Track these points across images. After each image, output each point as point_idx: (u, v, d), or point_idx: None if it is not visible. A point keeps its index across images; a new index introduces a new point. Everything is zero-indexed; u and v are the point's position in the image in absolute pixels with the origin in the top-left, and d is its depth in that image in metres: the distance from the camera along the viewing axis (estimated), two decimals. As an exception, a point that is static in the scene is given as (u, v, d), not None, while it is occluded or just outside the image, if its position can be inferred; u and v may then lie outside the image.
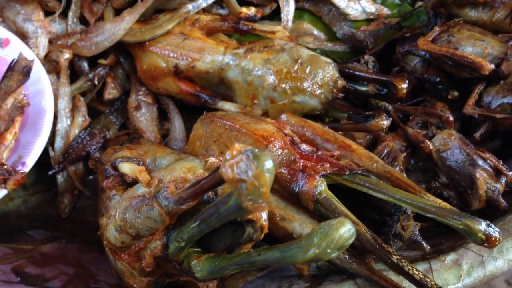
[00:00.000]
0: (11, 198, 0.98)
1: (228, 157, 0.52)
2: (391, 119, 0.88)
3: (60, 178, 1.00)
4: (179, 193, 0.62)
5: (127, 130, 1.09)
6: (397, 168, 0.89)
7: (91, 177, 1.04)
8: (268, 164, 0.51)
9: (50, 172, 0.98)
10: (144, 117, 1.08)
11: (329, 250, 0.53)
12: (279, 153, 0.79)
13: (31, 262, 0.83)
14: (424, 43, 0.92)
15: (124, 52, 1.13)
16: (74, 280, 0.82)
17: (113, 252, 0.75)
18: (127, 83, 1.15)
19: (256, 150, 0.51)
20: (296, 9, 1.21)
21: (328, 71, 0.94)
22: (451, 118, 0.91)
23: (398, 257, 0.70)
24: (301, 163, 0.77)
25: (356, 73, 0.95)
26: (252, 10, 1.06)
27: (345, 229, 0.53)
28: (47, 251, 0.88)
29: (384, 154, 0.90)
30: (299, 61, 0.94)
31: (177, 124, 1.07)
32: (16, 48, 0.99)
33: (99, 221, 0.84)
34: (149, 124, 1.08)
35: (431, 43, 0.93)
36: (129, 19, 1.05)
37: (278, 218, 0.76)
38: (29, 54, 0.95)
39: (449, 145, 0.87)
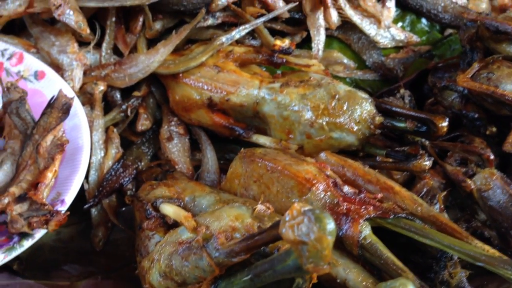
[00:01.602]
0: (45, 231, 0.98)
1: (288, 218, 0.51)
2: (433, 159, 0.87)
3: (94, 211, 1.00)
4: (231, 245, 0.61)
5: (159, 161, 1.09)
6: (437, 207, 0.88)
7: (123, 209, 1.04)
8: (330, 226, 0.50)
9: (86, 206, 0.97)
10: (176, 148, 1.08)
11: (390, 313, 0.52)
12: (322, 196, 0.78)
13: (69, 300, 0.83)
14: (464, 80, 0.92)
15: (156, 81, 1.13)
16: (113, 320, 0.81)
17: (154, 295, 0.75)
18: (158, 112, 1.15)
19: (317, 211, 0.51)
20: (326, 36, 1.20)
21: (366, 107, 0.94)
22: (492, 157, 0.90)
23: (447, 306, 0.69)
24: (345, 206, 0.77)
25: (394, 109, 0.94)
26: (286, 43, 1.06)
27: (407, 291, 0.52)
28: (84, 288, 0.87)
29: (423, 193, 0.89)
30: (336, 97, 0.94)
31: (209, 155, 1.07)
32: (52, 81, 0.99)
33: (138, 260, 0.84)
34: (181, 155, 1.07)
35: (471, 80, 0.92)
36: (163, 51, 1.05)
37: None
38: (67, 91, 0.95)
39: (490, 185, 0.86)
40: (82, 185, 0.99)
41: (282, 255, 0.55)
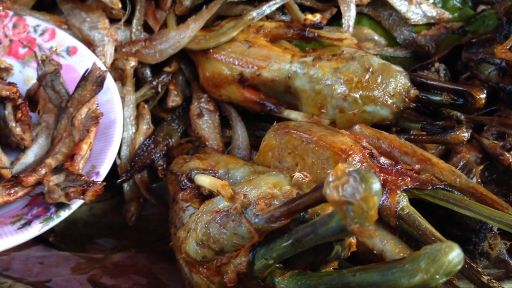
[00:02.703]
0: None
1: (332, 178, 0.51)
2: (471, 131, 0.86)
3: (126, 186, 1.01)
4: (271, 210, 0.60)
5: (189, 137, 1.09)
6: (474, 181, 0.86)
7: (154, 185, 1.04)
8: (376, 186, 0.49)
9: (119, 181, 0.98)
10: (207, 125, 1.08)
11: (437, 276, 0.51)
12: (358, 166, 0.77)
13: (104, 272, 0.84)
14: (502, 51, 0.89)
15: (185, 58, 1.13)
16: (148, 291, 0.82)
17: (189, 264, 0.75)
18: (187, 90, 1.15)
19: (363, 171, 0.50)
20: (356, 13, 1.18)
21: (400, 80, 0.92)
22: (530, 130, 0.88)
23: (488, 277, 0.67)
24: (382, 177, 0.76)
25: (429, 82, 0.92)
26: (317, 17, 1.04)
27: (455, 254, 0.51)
28: (118, 260, 0.88)
29: (460, 167, 0.88)
30: (370, 70, 0.92)
31: (239, 132, 1.06)
32: (84, 57, 0.99)
33: (172, 233, 0.84)
34: (211, 132, 1.07)
35: (509, 52, 0.90)
36: (194, 26, 1.04)
37: (365, 236, 0.74)
38: (100, 64, 0.95)
39: (529, 158, 0.84)
40: (115, 161, 1.00)
41: (325, 218, 0.55)
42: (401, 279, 0.53)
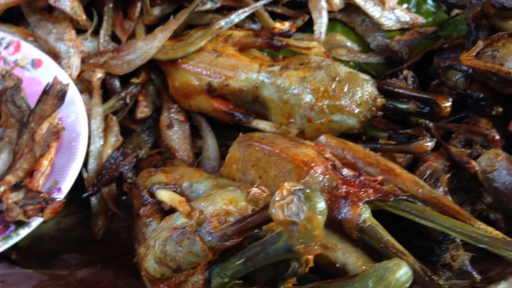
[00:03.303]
0: (44, 221, 0.97)
1: (278, 198, 0.50)
2: (435, 140, 0.85)
3: (93, 200, 0.99)
4: (223, 229, 0.60)
5: (159, 148, 1.07)
6: (441, 190, 0.86)
7: (123, 197, 1.03)
8: (321, 205, 0.49)
9: (85, 195, 0.96)
10: (177, 135, 1.07)
11: (385, 295, 0.50)
12: (321, 179, 0.76)
13: (68, 289, 0.82)
14: (467, 59, 0.89)
15: (155, 68, 1.12)
16: (111, 308, 0.80)
17: (151, 281, 0.74)
18: (158, 100, 1.14)
19: (308, 191, 0.49)
20: (328, 20, 1.18)
21: (367, 89, 0.91)
22: (497, 137, 0.88)
23: (449, 290, 0.67)
24: (344, 189, 0.75)
25: (396, 90, 0.92)
26: (286, 25, 1.04)
27: (402, 272, 0.50)
28: (83, 277, 0.87)
29: (427, 175, 0.87)
30: (337, 79, 0.92)
31: (210, 142, 1.05)
32: (49, 69, 0.98)
33: (135, 248, 0.83)
34: (181, 143, 1.06)
35: (475, 59, 0.89)
36: (161, 36, 1.03)
37: (311, 256, 0.74)
38: (63, 78, 0.94)
39: (495, 166, 0.84)
40: (82, 175, 0.99)
41: (274, 237, 0.54)
42: (350, 298, 0.52)
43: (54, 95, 0.85)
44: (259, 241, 0.57)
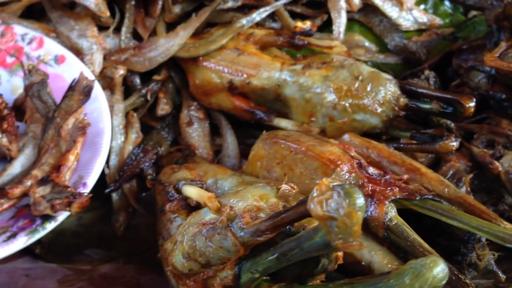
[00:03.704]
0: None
1: (316, 193, 0.50)
2: (459, 140, 0.85)
3: (115, 196, 1.00)
4: (256, 224, 0.60)
5: (179, 146, 1.08)
6: (463, 190, 0.86)
7: (144, 194, 1.03)
8: (360, 201, 0.49)
9: (107, 191, 0.97)
10: (196, 133, 1.07)
11: (422, 292, 0.50)
12: (347, 177, 0.76)
13: (91, 284, 0.83)
14: (491, 59, 0.89)
15: (175, 66, 1.13)
16: (135, 303, 0.81)
17: (176, 277, 0.74)
18: (177, 98, 1.14)
19: (347, 186, 0.49)
20: (347, 20, 1.18)
21: (390, 88, 0.92)
22: (520, 138, 0.88)
23: (477, 288, 0.67)
24: (370, 188, 0.75)
25: (419, 90, 0.92)
26: (307, 24, 1.04)
27: (439, 269, 0.50)
28: (106, 272, 0.87)
29: (449, 175, 0.87)
30: (360, 78, 0.92)
31: (229, 140, 1.06)
32: (72, 65, 0.99)
33: (159, 244, 0.83)
34: (201, 140, 1.07)
35: (499, 59, 0.90)
36: (183, 34, 1.04)
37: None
38: (88, 74, 0.94)
39: (519, 166, 0.84)
40: (103, 171, 0.99)
41: (310, 232, 0.54)
42: (386, 294, 0.52)
43: (80, 90, 0.86)
44: (293, 237, 0.57)
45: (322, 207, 0.49)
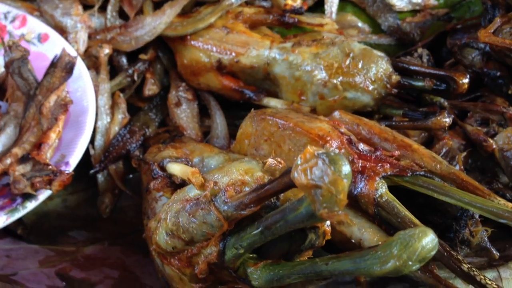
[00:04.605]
0: (50, 198, 0.95)
1: (300, 161, 0.48)
2: (452, 116, 0.83)
3: (100, 177, 0.97)
4: (240, 197, 0.58)
5: (167, 127, 1.05)
6: (457, 168, 0.84)
7: (131, 176, 1.01)
8: (346, 169, 0.47)
9: (92, 172, 0.95)
10: (185, 114, 1.05)
11: (410, 263, 0.48)
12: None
13: (74, 265, 0.81)
14: (485, 35, 0.87)
15: (163, 46, 1.10)
16: (119, 284, 0.79)
17: (161, 256, 0.72)
18: (165, 79, 1.12)
19: (332, 153, 0.47)
20: (339, 0, 1.16)
21: (382, 66, 0.89)
22: (514, 115, 0.86)
23: (469, 265, 0.65)
24: (360, 164, 0.73)
25: (411, 67, 0.90)
26: (297, 2, 1.02)
27: (428, 239, 0.48)
28: (90, 253, 0.85)
29: (442, 154, 0.85)
30: (351, 55, 0.90)
31: (218, 121, 1.03)
32: (55, 44, 0.96)
33: (144, 223, 0.81)
34: (189, 121, 1.04)
35: (493, 35, 0.87)
36: (170, 12, 1.01)
37: (335, 222, 0.72)
38: (71, 50, 0.92)
39: (513, 144, 0.82)
40: (89, 152, 0.97)
41: (294, 203, 0.52)
42: (373, 266, 0.50)
43: (62, 67, 0.83)
44: (278, 209, 0.55)
45: (306, 175, 0.47)
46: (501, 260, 0.73)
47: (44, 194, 0.77)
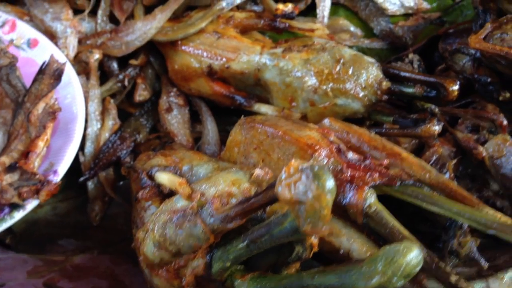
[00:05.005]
0: (40, 205, 0.94)
1: (284, 176, 0.48)
2: (442, 123, 0.83)
3: (90, 184, 0.97)
4: (226, 210, 0.57)
5: (158, 133, 1.05)
6: (447, 176, 0.83)
7: (121, 182, 1.00)
8: (330, 184, 0.46)
9: (81, 179, 0.94)
10: (176, 120, 1.04)
11: (395, 279, 0.48)
12: (325, 162, 0.74)
13: (63, 275, 0.80)
14: (476, 41, 0.86)
15: (154, 51, 1.09)
16: (108, 294, 0.78)
17: (149, 266, 0.71)
18: (157, 84, 1.11)
19: (316, 168, 0.47)
20: (331, 3, 1.15)
21: (372, 72, 0.89)
22: (505, 122, 0.85)
23: (457, 277, 0.65)
24: (349, 173, 0.72)
25: (402, 73, 0.89)
26: (289, 7, 1.01)
27: (413, 255, 0.48)
28: (79, 263, 0.85)
29: (432, 161, 0.85)
30: (341, 61, 0.89)
31: (209, 127, 1.03)
32: (45, 49, 0.95)
33: (133, 233, 0.80)
34: (180, 127, 1.04)
35: (484, 41, 0.87)
36: (161, 17, 1.00)
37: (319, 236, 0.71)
38: (60, 56, 0.91)
39: (503, 151, 0.81)
40: (79, 159, 0.96)
41: (279, 218, 0.52)
42: (358, 282, 0.50)
43: (50, 74, 0.83)
44: (263, 223, 0.54)
45: (290, 190, 0.47)
46: (490, 270, 0.73)
47: (31, 204, 0.76)
